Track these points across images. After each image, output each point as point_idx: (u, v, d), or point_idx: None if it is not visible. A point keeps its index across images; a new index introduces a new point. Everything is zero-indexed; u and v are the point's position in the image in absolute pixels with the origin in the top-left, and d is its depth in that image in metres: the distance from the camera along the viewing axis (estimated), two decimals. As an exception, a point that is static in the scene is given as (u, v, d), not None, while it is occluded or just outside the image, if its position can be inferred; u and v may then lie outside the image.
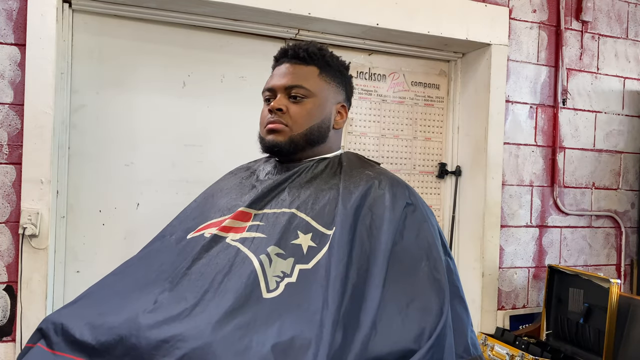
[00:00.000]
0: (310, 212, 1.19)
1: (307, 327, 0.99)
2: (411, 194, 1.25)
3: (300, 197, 1.23)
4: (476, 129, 2.35)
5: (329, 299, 1.02)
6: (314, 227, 1.17)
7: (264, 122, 1.33)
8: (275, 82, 1.33)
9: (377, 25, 2.09)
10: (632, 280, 2.61)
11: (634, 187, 2.62)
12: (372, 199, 1.20)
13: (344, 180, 1.25)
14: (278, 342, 0.96)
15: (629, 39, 2.59)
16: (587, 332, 2.06)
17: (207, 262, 1.14)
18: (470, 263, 2.35)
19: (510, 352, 1.95)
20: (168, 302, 1.07)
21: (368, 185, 1.22)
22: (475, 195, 2.34)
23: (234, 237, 1.19)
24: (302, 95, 1.30)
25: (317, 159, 1.33)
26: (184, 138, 2.06)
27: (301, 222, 1.18)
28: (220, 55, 2.10)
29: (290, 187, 1.26)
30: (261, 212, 1.23)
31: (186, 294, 1.08)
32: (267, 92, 1.35)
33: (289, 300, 1.04)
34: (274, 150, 1.32)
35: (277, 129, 1.29)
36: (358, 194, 1.20)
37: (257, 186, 1.31)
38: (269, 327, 1.00)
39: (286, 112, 1.29)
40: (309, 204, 1.21)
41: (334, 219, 1.17)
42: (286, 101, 1.30)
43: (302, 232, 1.16)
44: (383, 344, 0.99)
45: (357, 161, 1.35)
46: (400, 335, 1.01)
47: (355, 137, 2.31)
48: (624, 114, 2.59)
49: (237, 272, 1.10)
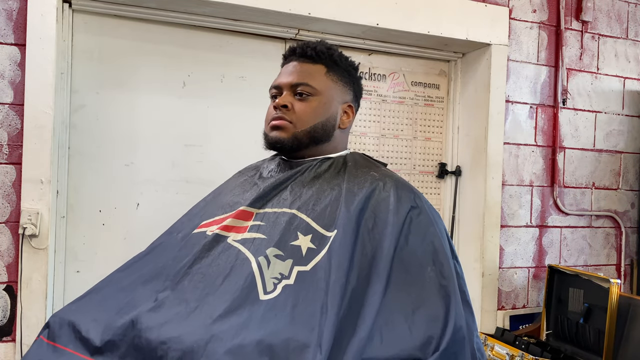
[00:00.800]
0: (311, 213, 1.19)
1: (302, 330, 0.98)
2: (417, 197, 1.23)
3: (302, 197, 1.22)
4: (476, 129, 2.35)
5: (327, 303, 1.01)
6: (314, 228, 1.16)
7: (269, 118, 1.33)
8: (282, 80, 1.33)
9: (377, 25, 2.09)
10: (632, 280, 2.61)
11: (634, 187, 2.62)
12: (376, 202, 1.18)
13: (347, 181, 1.24)
14: (272, 343, 0.96)
15: (629, 39, 2.59)
16: (587, 332, 2.06)
17: (210, 262, 1.14)
18: (470, 263, 2.35)
19: (510, 352, 1.95)
20: (169, 302, 1.08)
21: (372, 187, 1.21)
22: (475, 195, 2.34)
23: (236, 237, 1.19)
24: (307, 93, 1.30)
25: (321, 158, 1.32)
26: (184, 138, 2.06)
27: (301, 223, 1.17)
28: (220, 55, 2.10)
29: (292, 185, 1.26)
30: (262, 211, 1.23)
31: (187, 295, 1.09)
32: (273, 90, 1.35)
33: (286, 302, 1.03)
34: (276, 147, 1.31)
35: (281, 125, 1.29)
36: (362, 196, 1.18)
37: (259, 184, 1.31)
38: (263, 327, 0.99)
39: (291, 109, 1.29)
40: (310, 205, 1.20)
41: (334, 220, 1.15)
42: (291, 98, 1.30)
43: (302, 234, 1.15)
44: (384, 351, 0.97)
45: (363, 162, 1.34)
46: (406, 343, 0.99)
47: (355, 137, 2.31)
48: (624, 114, 2.59)
49: (237, 274, 1.10)
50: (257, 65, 2.14)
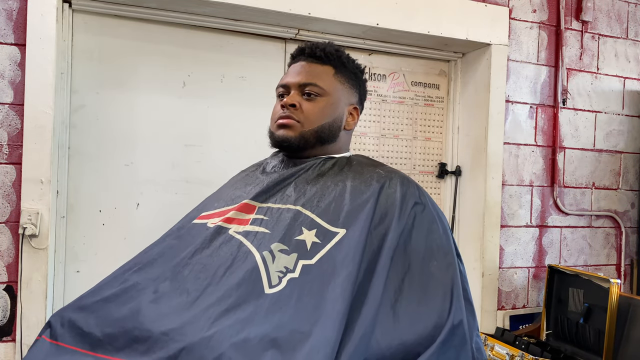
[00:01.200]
0: (315, 209, 1.20)
1: (307, 322, 0.99)
2: (421, 193, 1.25)
3: (306, 194, 1.23)
4: (476, 129, 2.35)
5: (332, 295, 1.03)
6: (318, 223, 1.17)
7: (275, 117, 1.33)
8: (290, 79, 1.33)
9: (377, 25, 2.09)
10: (632, 280, 2.62)
11: (634, 187, 2.62)
12: (384, 198, 1.20)
13: (353, 178, 1.25)
14: (277, 336, 0.97)
15: (629, 39, 2.59)
16: (587, 332, 2.06)
17: (210, 253, 1.15)
18: (471, 263, 2.35)
19: (510, 352, 1.95)
20: (169, 293, 1.08)
21: (380, 184, 1.22)
22: (475, 195, 2.34)
23: (237, 229, 1.19)
24: (315, 93, 1.31)
25: (325, 157, 1.33)
26: (184, 138, 2.06)
27: (306, 219, 1.18)
28: (220, 55, 2.10)
29: (296, 182, 1.27)
30: (265, 205, 1.23)
31: (188, 285, 1.09)
32: (281, 88, 1.35)
33: (291, 295, 1.04)
34: (283, 145, 1.32)
35: (288, 124, 1.29)
36: (370, 192, 1.20)
37: (261, 178, 1.32)
38: (268, 320, 1.00)
39: (299, 108, 1.30)
40: (315, 201, 1.21)
41: (339, 215, 1.17)
42: (299, 98, 1.31)
43: (307, 229, 1.16)
44: (385, 343, 0.99)
45: (367, 161, 1.36)
46: (407, 336, 1.01)
47: (355, 137, 2.31)
48: (624, 114, 2.59)
49: (240, 267, 1.10)
50: (257, 65, 2.14)
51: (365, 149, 2.33)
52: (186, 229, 1.25)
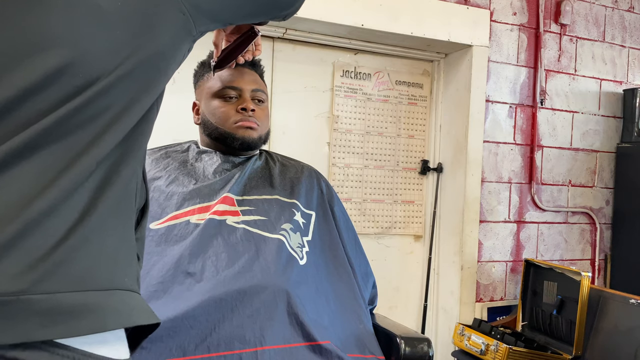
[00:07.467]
0: (290, 195, 1.38)
1: (347, 281, 1.37)
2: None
3: (274, 183, 1.39)
4: (457, 127, 2.43)
5: (341, 261, 1.38)
6: (299, 206, 1.36)
7: (234, 119, 1.36)
8: (243, 84, 1.38)
9: (362, 26, 2.15)
10: (606, 274, 2.72)
11: (609, 185, 2.72)
12: (323, 184, 1.49)
13: (289, 169, 1.46)
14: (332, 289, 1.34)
15: (605, 42, 2.68)
16: (559, 323, 2.16)
17: (223, 242, 1.20)
18: (450, 256, 2.43)
19: (486, 342, 2.03)
20: (212, 266, 1.17)
21: (309, 171, 1.48)
22: (456, 191, 2.42)
23: (235, 219, 1.25)
24: (262, 100, 1.42)
25: (257, 153, 1.47)
26: (173, 134, 2.10)
27: (288, 203, 1.35)
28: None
29: (250, 176, 1.38)
30: (241, 197, 1.31)
31: (219, 264, 1.17)
32: (231, 91, 1.38)
33: (316, 264, 1.31)
34: (244, 146, 1.38)
35: (252, 127, 1.37)
36: (312, 179, 1.46)
37: (210, 170, 1.36)
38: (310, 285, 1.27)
39: (256, 112, 1.39)
40: (288, 190, 1.39)
41: (307, 200, 1.41)
42: (253, 103, 1.39)
43: (296, 210, 1.34)
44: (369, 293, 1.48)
45: (275, 154, 1.53)
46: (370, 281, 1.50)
47: (340, 134, 2.38)
48: (600, 114, 2.68)
49: (268, 249, 1.22)
50: (246, 63, 2.20)
51: (350, 146, 2.40)
52: (168, 229, 1.22)
